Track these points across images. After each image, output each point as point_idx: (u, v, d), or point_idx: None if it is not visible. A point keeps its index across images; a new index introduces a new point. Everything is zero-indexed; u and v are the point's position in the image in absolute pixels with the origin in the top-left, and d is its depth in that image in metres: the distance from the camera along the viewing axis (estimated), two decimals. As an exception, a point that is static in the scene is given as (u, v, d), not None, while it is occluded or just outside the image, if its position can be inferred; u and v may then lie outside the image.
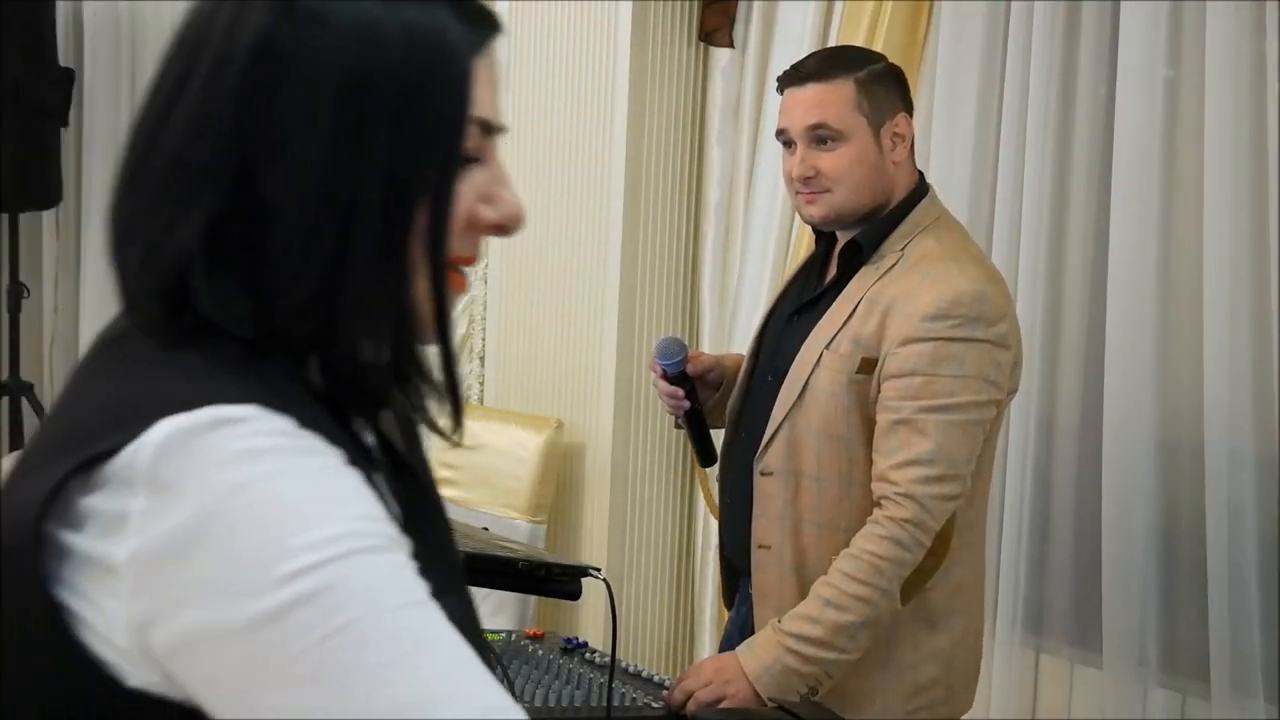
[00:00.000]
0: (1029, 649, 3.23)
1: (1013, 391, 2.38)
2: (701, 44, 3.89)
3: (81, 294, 6.31)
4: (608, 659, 2.15)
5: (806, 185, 2.34)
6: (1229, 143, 2.83)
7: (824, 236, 2.47)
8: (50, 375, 6.44)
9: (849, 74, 2.32)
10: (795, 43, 3.55)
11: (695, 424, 2.52)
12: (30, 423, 6.08)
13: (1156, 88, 2.97)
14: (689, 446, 2.64)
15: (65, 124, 5.95)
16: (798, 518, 2.36)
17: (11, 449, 5.93)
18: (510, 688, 1.93)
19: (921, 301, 2.22)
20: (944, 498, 2.21)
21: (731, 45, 3.79)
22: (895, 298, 2.26)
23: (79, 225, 6.33)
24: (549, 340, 4.07)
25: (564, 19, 3.97)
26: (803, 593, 2.31)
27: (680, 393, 2.48)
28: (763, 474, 2.39)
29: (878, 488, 2.24)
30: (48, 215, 6.36)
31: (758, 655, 2.20)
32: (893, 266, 2.31)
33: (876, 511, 2.23)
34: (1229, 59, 2.83)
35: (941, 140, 3.30)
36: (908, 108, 2.38)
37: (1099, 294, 3.10)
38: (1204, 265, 2.87)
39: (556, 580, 2.17)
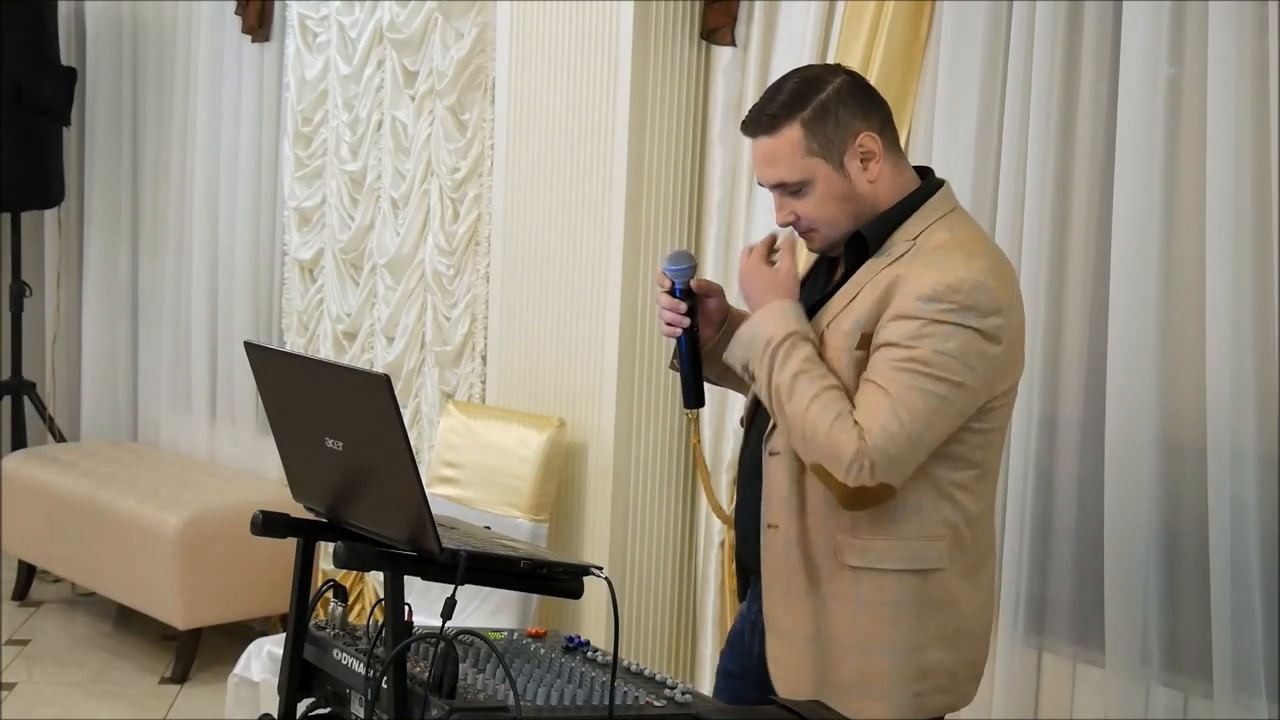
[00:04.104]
0: (1031, 647, 3.23)
1: (1007, 392, 2.37)
2: (703, 43, 3.89)
3: (83, 293, 6.31)
4: (610, 658, 2.14)
5: (795, 227, 2.40)
6: (1231, 141, 2.83)
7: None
8: (52, 374, 6.44)
9: (793, 117, 2.33)
10: (797, 41, 3.55)
11: (690, 349, 2.50)
12: (33, 421, 6.09)
13: (1158, 86, 2.97)
14: (681, 401, 2.58)
15: (67, 123, 5.96)
16: (803, 496, 2.39)
17: (13, 448, 5.93)
18: (513, 686, 1.93)
19: (922, 283, 2.25)
20: (893, 460, 2.23)
21: (733, 44, 3.79)
22: (900, 277, 2.28)
23: (81, 224, 6.34)
24: (551, 339, 4.07)
25: (566, 18, 3.97)
26: (807, 570, 2.36)
27: (683, 307, 2.49)
28: (771, 454, 2.42)
29: None
30: (50, 214, 6.36)
31: (759, 322, 2.34)
32: (903, 255, 2.32)
33: (858, 430, 2.24)
34: (1231, 58, 2.83)
35: (944, 139, 3.30)
36: (871, 120, 2.35)
37: (1101, 292, 3.11)
38: (1206, 263, 2.87)
39: (558, 579, 2.17)
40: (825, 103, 2.33)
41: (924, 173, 2.46)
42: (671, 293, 2.50)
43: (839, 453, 2.24)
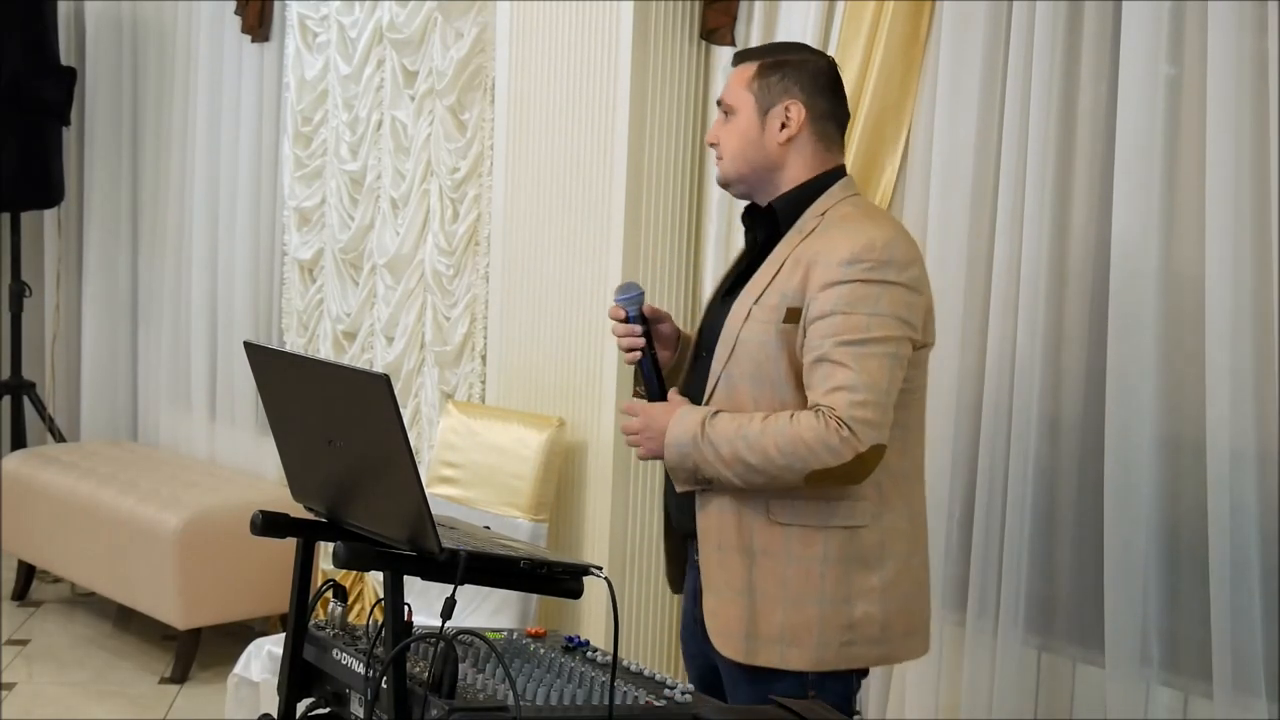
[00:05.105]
0: (1031, 647, 3.23)
1: (929, 345, 2.56)
2: (703, 42, 3.89)
3: (83, 293, 6.31)
4: (609, 657, 2.15)
5: (714, 150, 2.66)
6: (1230, 140, 2.83)
7: (749, 227, 2.67)
8: (52, 374, 6.44)
9: (756, 59, 2.60)
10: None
11: (651, 368, 2.63)
12: (33, 421, 6.09)
13: (1158, 86, 2.97)
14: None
15: (67, 123, 5.96)
16: None
17: (13, 448, 5.93)
18: (512, 686, 1.93)
19: (839, 251, 2.44)
20: (870, 423, 2.39)
21: (733, 44, 3.79)
22: (817, 252, 2.47)
23: (80, 224, 6.33)
24: (551, 339, 4.07)
25: (566, 18, 3.97)
26: (740, 527, 2.52)
27: (639, 330, 2.64)
28: None
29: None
30: (49, 214, 6.36)
31: (679, 434, 2.49)
32: (814, 230, 2.52)
33: (820, 411, 2.40)
34: (1230, 57, 2.83)
35: (944, 139, 3.30)
36: (814, 102, 2.56)
37: (1101, 291, 3.10)
38: (1206, 263, 2.87)
39: (558, 579, 2.18)
40: (784, 64, 2.58)
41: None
42: (626, 321, 2.66)
43: (818, 440, 2.39)
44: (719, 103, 2.64)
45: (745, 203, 2.68)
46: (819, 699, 2.47)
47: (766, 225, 2.59)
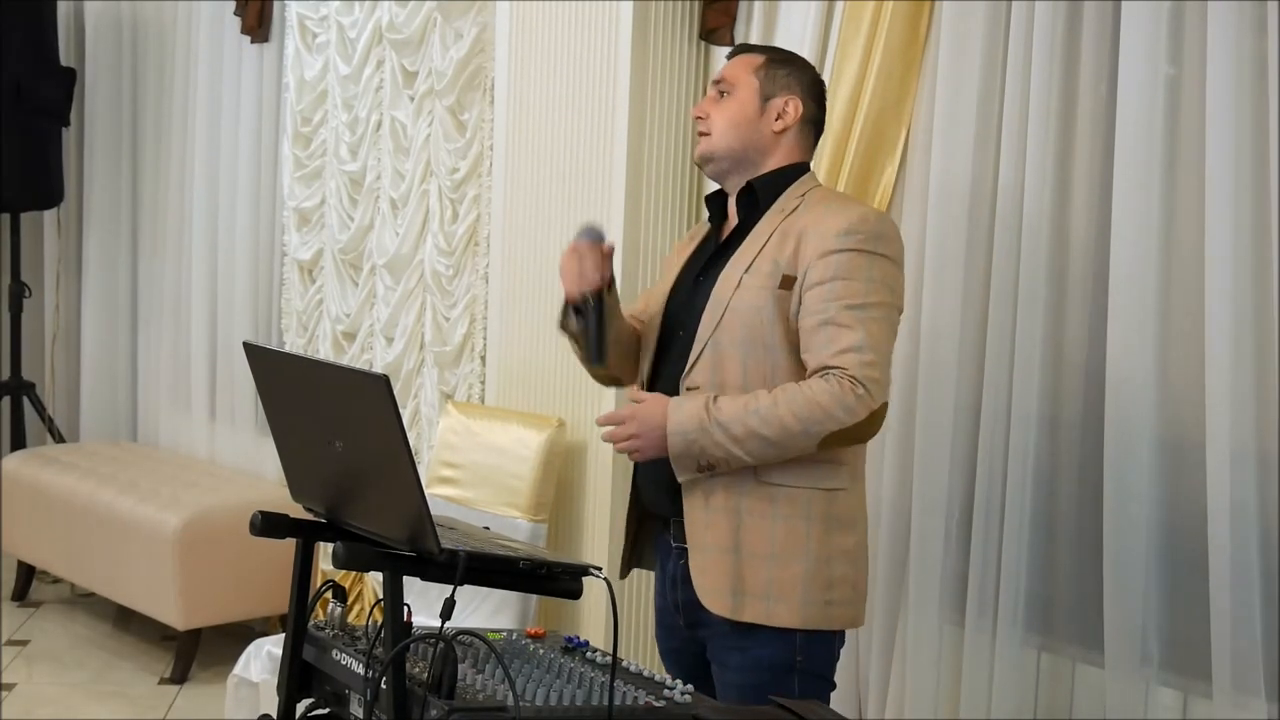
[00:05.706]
0: (1031, 647, 3.23)
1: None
2: (703, 42, 3.89)
3: (83, 293, 6.31)
4: (609, 658, 2.15)
5: (697, 125, 2.73)
6: (1230, 141, 2.83)
7: (713, 213, 2.75)
8: (51, 374, 6.44)
9: (765, 54, 2.74)
10: (796, 41, 3.54)
11: (595, 318, 2.64)
12: (33, 421, 6.09)
13: (1158, 86, 2.97)
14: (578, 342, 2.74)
15: (66, 123, 5.96)
16: None
17: (13, 448, 5.93)
18: (512, 687, 1.93)
19: (833, 223, 2.55)
20: (879, 381, 2.49)
21: (732, 44, 3.78)
22: (807, 225, 2.58)
23: (80, 225, 6.33)
24: (551, 339, 4.06)
25: (565, 18, 3.97)
26: (727, 487, 2.56)
27: (607, 257, 2.66)
28: (689, 390, 2.61)
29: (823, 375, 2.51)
30: (49, 215, 6.36)
31: (681, 420, 2.51)
32: (797, 208, 2.63)
33: (830, 374, 2.47)
34: (1230, 58, 2.83)
35: (944, 139, 3.29)
36: (808, 106, 2.69)
37: (1101, 291, 3.10)
38: (1205, 263, 2.87)
39: (558, 579, 2.18)
40: (791, 62, 2.72)
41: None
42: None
43: (834, 401, 2.46)
44: (716, 81, 2.72)
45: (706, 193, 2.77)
46: (806, 663, 2.58)
47: (746, 205, 2.68)
